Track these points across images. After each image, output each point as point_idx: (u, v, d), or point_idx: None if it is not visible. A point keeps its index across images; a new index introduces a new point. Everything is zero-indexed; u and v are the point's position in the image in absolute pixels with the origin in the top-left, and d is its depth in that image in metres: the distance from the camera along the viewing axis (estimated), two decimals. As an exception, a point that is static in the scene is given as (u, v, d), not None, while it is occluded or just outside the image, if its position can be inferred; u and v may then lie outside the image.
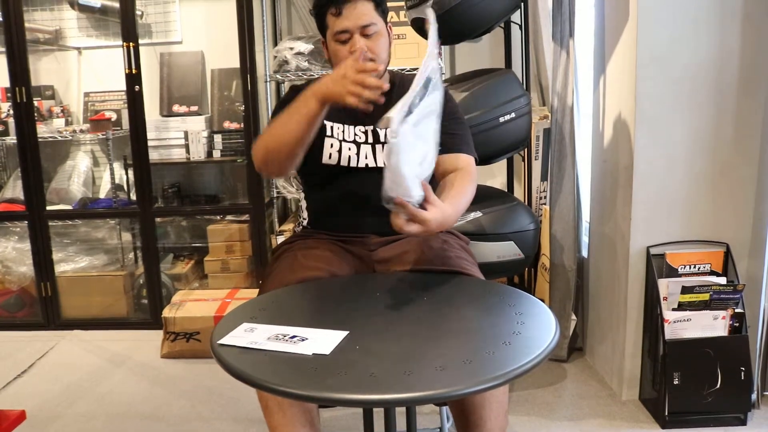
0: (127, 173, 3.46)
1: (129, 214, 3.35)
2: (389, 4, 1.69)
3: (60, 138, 3.37)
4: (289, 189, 3.32)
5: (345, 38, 1.57)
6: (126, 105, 3.15)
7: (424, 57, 1.30)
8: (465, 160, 1.63)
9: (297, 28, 3.49)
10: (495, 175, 3.22)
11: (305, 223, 1.76)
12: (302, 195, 1.81)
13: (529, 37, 2.89)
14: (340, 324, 1.18)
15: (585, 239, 2.69)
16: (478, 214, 2.23)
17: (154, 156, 3.23)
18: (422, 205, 1.29)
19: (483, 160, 2.25)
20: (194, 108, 3.45)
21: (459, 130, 1.67)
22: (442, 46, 2.94)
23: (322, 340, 1.11)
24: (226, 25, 3.15)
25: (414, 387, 0.95)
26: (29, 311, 3.36)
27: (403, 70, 2.73)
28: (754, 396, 2.17)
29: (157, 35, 3.51)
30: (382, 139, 1.64)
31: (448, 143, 1.58)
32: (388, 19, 1.66)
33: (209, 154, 3.35)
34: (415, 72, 1.31)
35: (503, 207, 2.30)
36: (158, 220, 3.32)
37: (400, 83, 1.67)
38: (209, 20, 3.47)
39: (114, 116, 3.46)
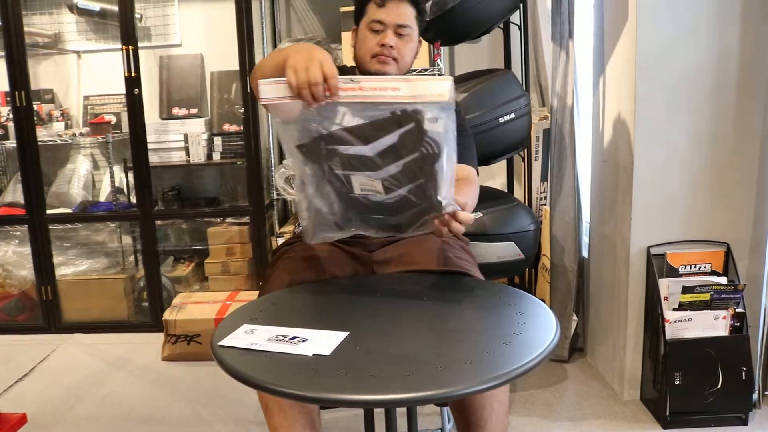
0: (127, 176, 3.46)
1: (129, 217, 3.35)
2: None
3: (60, 141, 3.37)
4: (290, 191, 3.32)
5: (378, 29, 1.59)
6: (126, 108, 3.15)
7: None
8: (469, 171, 1.65)
9: (296, 29, 3.49)
10: (495, 176, 3.22)
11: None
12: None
13: (528, 38, 2.89)
14: (340, 325, 1.18)
15: (585, 239, 2.68)
16: (478, 214, 2.23)
17: (154, 159, 3.23)
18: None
19: (483, 160, 2.25)
20: (194, 110, 3.45)
21: (466, 142, 1.69)
22: (442, 47, 2.94)
23: (323, 341, 1.11)
24: (225, 28, 3.15)
25: (414, 387, 0.95)
26: (30, 315, 3.36)
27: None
28: (755, 396, 2.17)
29: (157, 38, 3.51)
30: None
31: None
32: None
33: (209, 156, 3.35)
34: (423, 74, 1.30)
35: (503, 207, 2.30)
36: (158, 222, 3.32)
37: None
38: (208, 23, 3.47)
39: (114, 119, 3.47)
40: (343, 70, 1.55)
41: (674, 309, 2.12)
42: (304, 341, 1.11)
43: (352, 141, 1.25)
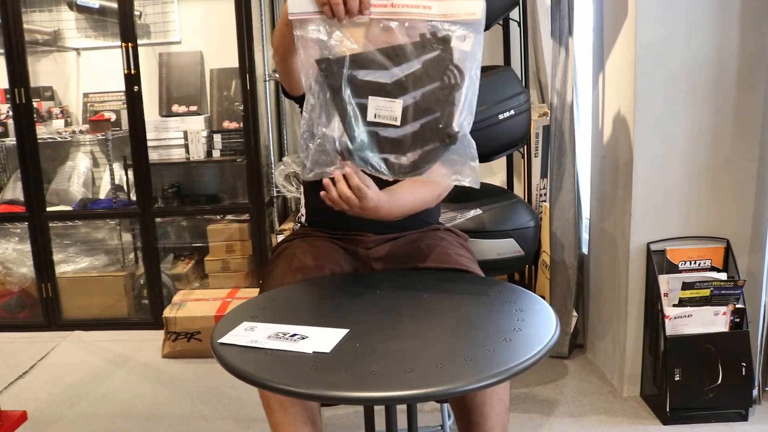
0: (126, 174, 3.46)
1: (129, 215, 3.35)
2: None
3: (59, 139, 3.37)
4: (289, 188, 3.32)
5: None
6: (125, 105, 3.15)
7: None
8: None
9: (296, 27, 3.48)
10: (495, 173, 3.22)
11: (303, 219, 1.76)
12: (302, 189, 1.81)
13: (527, 34, 2.88)
14: (340, 322, 1.18)
15: (585, 236, 2.68)
16: (479, 211, 2.23)
17: (153, 156, 3.23)
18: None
19: (483, 157, 2.24)
20: (193, 108, 3.45)
21: None
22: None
23: (323, 339, 1.11)
24: (224, 25, 3.15)
25: (414, 384, 0.95)
26: (30, 312, 3.36)
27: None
28: (755, 392, 2.17)
29: (156, 35, 3.51)
30: None
31: None
32: None
33: (209, 153, 3.35)
34: None
35: (503, 204, 2.29)
36: (158, 220, 3.33)
37: None
38: (208, 20, 3.47)
39: (113, 117, 3.46)
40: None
41: (674, 305, 2.12)
42: (304, 338, 1.11)
43: (376, 62, 1.22)
